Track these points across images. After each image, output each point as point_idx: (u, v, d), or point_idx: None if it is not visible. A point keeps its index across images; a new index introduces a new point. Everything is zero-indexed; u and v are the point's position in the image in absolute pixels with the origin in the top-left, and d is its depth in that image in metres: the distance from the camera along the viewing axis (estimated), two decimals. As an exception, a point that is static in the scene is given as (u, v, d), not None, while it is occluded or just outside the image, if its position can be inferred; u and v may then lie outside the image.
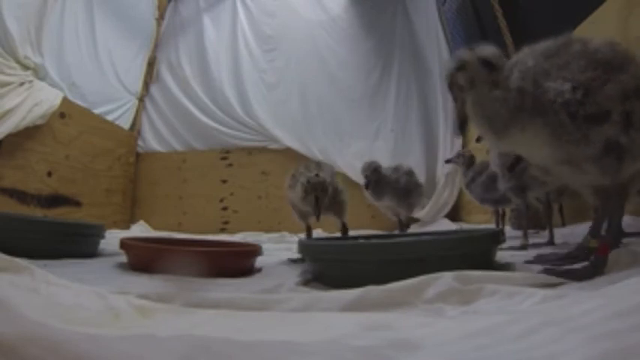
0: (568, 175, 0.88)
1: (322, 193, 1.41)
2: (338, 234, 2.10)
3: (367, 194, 1.96)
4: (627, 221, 1.31)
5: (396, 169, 1.98)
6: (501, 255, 1.17)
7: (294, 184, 1.50)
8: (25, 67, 2.39)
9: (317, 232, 1.74)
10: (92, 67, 3.24)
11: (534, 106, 0.80)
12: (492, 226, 2.09)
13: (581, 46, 0.81)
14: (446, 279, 0.72)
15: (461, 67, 0.90)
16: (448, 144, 3.36)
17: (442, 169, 3.29)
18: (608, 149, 0.77)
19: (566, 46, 0.82)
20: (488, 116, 0.85)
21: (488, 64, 0.87)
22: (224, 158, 3.82)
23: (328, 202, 1.46)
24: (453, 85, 0.93)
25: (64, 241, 1.42)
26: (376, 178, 1.89)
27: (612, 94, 0.75)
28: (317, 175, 1.42)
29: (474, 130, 3.17)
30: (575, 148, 0.78)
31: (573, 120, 0.76)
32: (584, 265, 0.85)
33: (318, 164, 1.62)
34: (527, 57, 0.85)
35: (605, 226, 0.93)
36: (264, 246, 1.44)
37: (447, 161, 2.35)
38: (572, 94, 0.76)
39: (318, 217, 1.44)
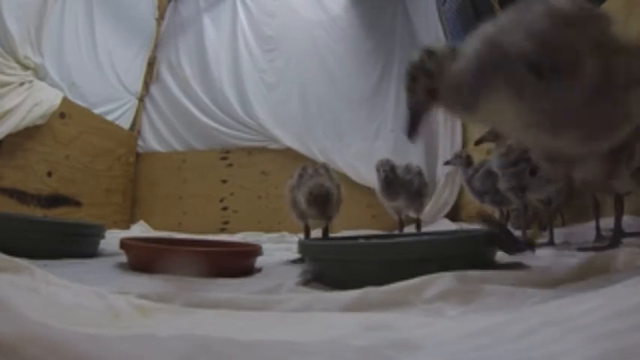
0: (540, 141, 0.81)
1: (327, 203, 1.42)
2: (338, 234, 2.10)
3: (380, 195, 1.95)
4: (627, 221, 1.31)
5: (407, 169, 1.97)
6: (501, 255, 1.17)
7: (300, 184, 1.50)
8: (25, 67, 2.39)
9: (317, 232, 1.74)
10: (92, 67, 3.24)
11: (496, 67, 0.74)
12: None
13: (543, 4, 0.74)
14: (446, 279, 0.72)
15: (430, 53, 0.85)
16: (448, 144, 3.36)
17: (442, 169, 3.30)
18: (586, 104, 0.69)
19: (527, 8, 0.76)
20: (455, 89, 0.80)
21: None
22: (224, 158, 3.82)
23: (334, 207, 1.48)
24: (417, 77, 0.86)
25: (64, 241, 1.42)
26: (392, 178, 1.88)
27: (580, 42, 0.69)
28: (321, 184, 1.42)
29: (472, 132, 3.18)
30: (547, 105, 0.71)
31: (538, 76, 0.70)
32: None
33: (326, 168, 1.61)
34: (484, 27, 0.81)
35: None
36: (264, 246, 1.44)
37: (446, 163, 2.35)
38: (533, 50, 0.69)
39: (326, 221, 1.45)
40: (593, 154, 0.81)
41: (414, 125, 0.88)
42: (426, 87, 0.85)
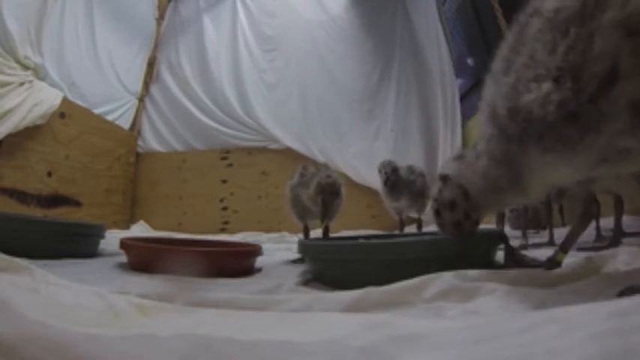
0: (620, 171, 0.66)
1: (335, 196, 1.41)
2: (338, 234, 2.10)
3: (382, 195, 1.95)
4: (627, 221, 1.31)
5: (410, 170, 1.97)
6: (501, 255, 1.17)
7: (303, 183, 1.49)
8: (25, 67, 2.39)
9: (317, 233, 1.74)
10: (92, 67, 3.24)
11: (522, 141, 0.60)
12: (492, 226, 2.09)
13: (537, 17, 0.56)
14: (446, 278, 0.72)
15: (444, 179, 0.83)
16: (448, 144, 3.36)
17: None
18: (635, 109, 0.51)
19: (520, 31, 0.60)
20: (497, 194, 0.74)
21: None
22: (224, 158, 3.82)
23: (335, 207, 1.47)
24: (441, 212, 0.86)
25: (64, 241, 1.42)
26: (395, 178, 1.88)
27: (607, 44, 0.49)
28: (329, 176, 1.42)
29: (472, 132, 3.17)
30: (598, 137, 0.53)
31: (577, 119, 0.53)
32: None
33: (327, 168, 1.61)
34: (485, 92, 0.66)
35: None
36: (264, 246, 1.44)
37: None
38: (559, 88, 0.52)
39: (322, 220, 1.44)
40: None
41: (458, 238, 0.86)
42: (454, 221, 0.84)
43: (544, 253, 1.23)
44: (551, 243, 1.51)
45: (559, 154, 0.57)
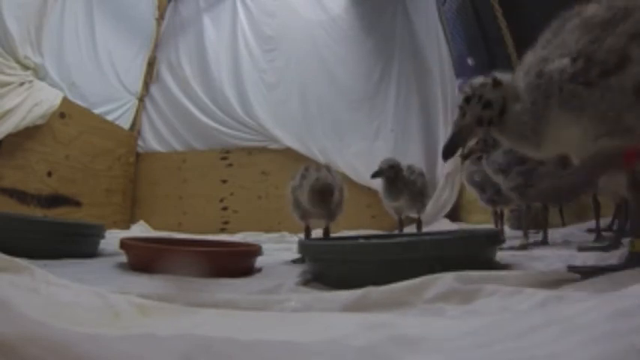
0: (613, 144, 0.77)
1: (329, 196, 1.41)
2: (338, 234, 2.10)
3: (382, 195, 1.95)
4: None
5: (410, 169, 1.97)
6: (501, 255, 1.17)
7: (302, 184, 1.49)
8: (25, 67, 2.39)
9: (317, 233, 1.74)
10: (92, 67, 3.24)
11: (547, 97, 0.75)
12: (492, 226, 2.09)
13: (577, 18, 0.76)
14: (446, 279, 0.72)
15: (497, 83, 0.85)
16: (448, 144, 3.36)
17: (442, 169, 3.29)
18: None
19: (561, 26, 0.78)
20: (518, 135, 0.81)
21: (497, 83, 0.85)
22: (224, 158, 3.82)
23: (335, 205, 1.47)
24: (472, 102, 0.86)
25: (64, 241, 1.42)
26: (393, 176, 1.86)
27: (617, 41, 0.69)
28: (318, 179, 1.41)
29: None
30: (602, 103, 0.70)
31: (588, 86, 0.70)
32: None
33: (329, 168, 1.61)
34: (527, 57, 0.82)
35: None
36: (264, 246, 1.44)
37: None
38: (574, 65, 0.71)
39: (328, 219, 1.44)
40: None
41: (452, 147, 0.88)
42: (478, 116, 0.84)
43: (544, 253, 1.23)
44: (544, 242, 1.51)
45: (570, 112, 0.73)
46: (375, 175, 1.88)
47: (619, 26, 0.69)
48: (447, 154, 0.89)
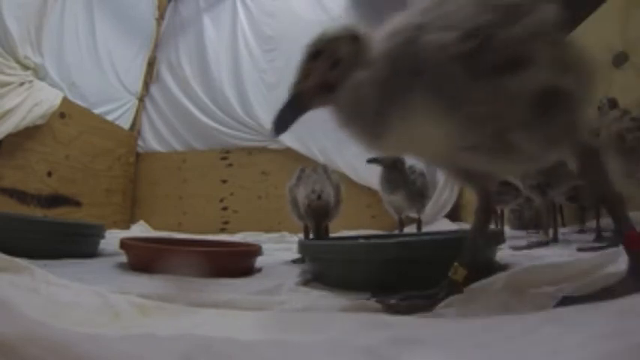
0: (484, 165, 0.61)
1: (324, 218, 1.37)
2: (338, 234, 2.10)
3: (380, 189, 1.93)
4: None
5: (411, 169, 1.96)
6: (501, 255, 1.18)
7: (298, 185, 1.49)
8: (25, 67, 2.39)
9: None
10: (92, 67, 3.24)
11: (412, 73, 0.54)
12: (492, 226, 2.09)
13: None
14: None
15: (354, 37, 0.65)
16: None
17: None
18: (545, 98, 0.52)
19: None
20: (354, 105, 0.60)
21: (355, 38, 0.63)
22: (224, 158, 3.82)
23: (333, 207, 1.45)
24: (320, 58, 0.65)
25: (64, 241, 1.42)
26: (391, 164, 1.84)
27: (527, 33, 0.53)
28: (319, 197, 1.33)
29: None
30: (488, 113, 0.52)
31: (474, 77, 0.52)
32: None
33: (325, 169, 1.60)
34: (394, 19, 0.63)
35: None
36: (264, 246, 1.44)
37: None
38: (462, 43, 0.52)
39: (315, 237, 1.36)
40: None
41: (287, 118, 0.66)
42: (324, 77, 0.64)
43: (544, 253, 1.24)
44: (545, 243, 1.51)
45: (439, 103, 0.54)
46: (370, 161, 1.82)
47: (525, 18, 0.53)
48: (280, 126, 0.66)
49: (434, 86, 0.53)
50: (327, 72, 0.63)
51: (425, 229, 2.34)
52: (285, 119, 0.66)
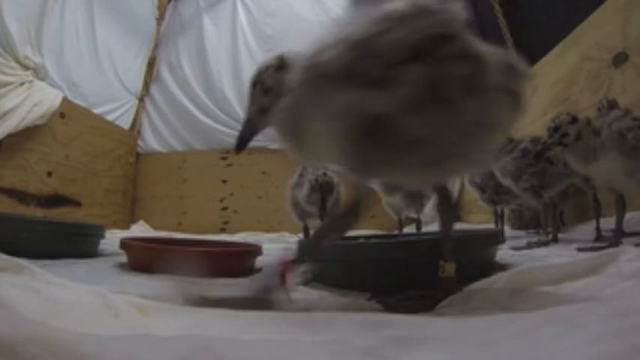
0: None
1: (329, 194, 1.41)
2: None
3: (379, 186, 1.94)
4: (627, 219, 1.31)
5: None
6: (501, 255, 1.17)
7: (300, 183, 1.49)
8: (25, 67, 2.39)
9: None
10: (92, 67, 3.24)
11: (308, 99, 0.61)
12: (492, 226, 2.09)
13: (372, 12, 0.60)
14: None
15: (283, 64, 0.71)
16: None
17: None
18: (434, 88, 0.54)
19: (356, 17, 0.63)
20: (281, 129, 0.69)
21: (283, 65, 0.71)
22: (224, 158, 3.82)
23: (332, 205, 1.46)
24: (255, 88, 0.73)
25: (64, 241, 1.42)
26: None
27: (408, 32, 0.55)
28: (325, 174, 1.42)
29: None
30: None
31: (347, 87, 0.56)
32: None
33: (326, 169, 1.61)
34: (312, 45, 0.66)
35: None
36: (264, 246, 1.43)
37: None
38: (344, 57, 0.57)
39: (322, 218, 1.43)
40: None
41: (243, 138, 0.75)
42: (260, 103, 0.72)
43: (544, 253, 1.23)
44: (545, 244, 1.51)
45: (321, 117, 0.59)
46: None
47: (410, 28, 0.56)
48: (240, 144, 0.75)
49: (326, 107, 0.59)
50: (262, 98, 0.72)
51: (424, 229, 2.34)
52: (242, 139, 0.76)
